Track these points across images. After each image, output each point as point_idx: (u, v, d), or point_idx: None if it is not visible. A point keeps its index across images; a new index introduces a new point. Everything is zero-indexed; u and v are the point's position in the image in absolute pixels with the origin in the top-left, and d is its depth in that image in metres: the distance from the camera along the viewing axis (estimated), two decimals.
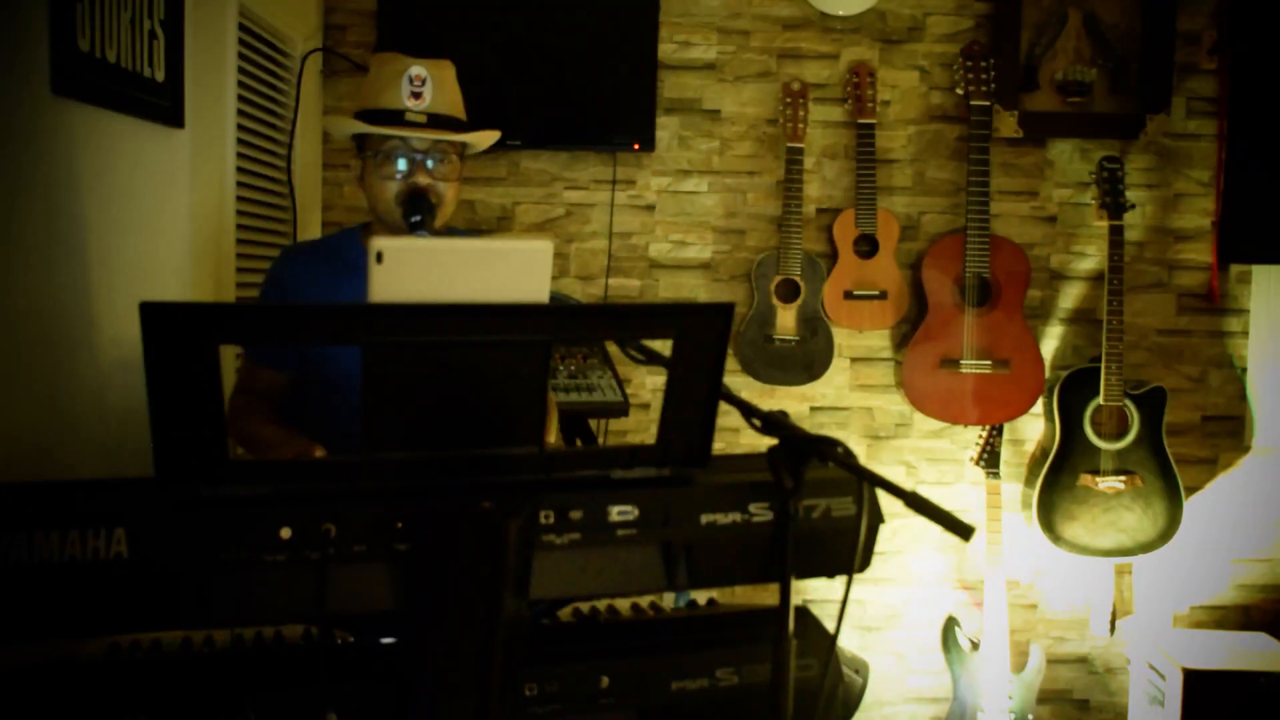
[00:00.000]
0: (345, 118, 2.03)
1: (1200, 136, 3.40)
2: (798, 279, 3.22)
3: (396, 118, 1.96)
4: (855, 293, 3.26)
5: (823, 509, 1.24)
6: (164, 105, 2.05)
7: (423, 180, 1.97)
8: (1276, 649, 3.15)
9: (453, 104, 2.03)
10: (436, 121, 1.97)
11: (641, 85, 3.23)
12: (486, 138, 2.08)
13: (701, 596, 1.50)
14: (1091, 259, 3.40)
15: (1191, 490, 3.37)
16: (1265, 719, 2.92)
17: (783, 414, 1.21)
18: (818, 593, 3.14)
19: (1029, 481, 3.33)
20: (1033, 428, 3.40)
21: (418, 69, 1.97)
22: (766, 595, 1.16)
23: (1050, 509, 3.21)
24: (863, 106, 3.24)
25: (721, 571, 1.22)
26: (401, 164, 1.97)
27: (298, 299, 2.02)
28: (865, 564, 1.24)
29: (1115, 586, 3.45)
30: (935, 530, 1.08)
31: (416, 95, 1.96)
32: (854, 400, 3.42)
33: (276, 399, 2.08)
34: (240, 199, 2.56)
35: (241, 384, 2.10)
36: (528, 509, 1.10)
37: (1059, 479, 3.21)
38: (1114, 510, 3.21)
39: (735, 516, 1.20)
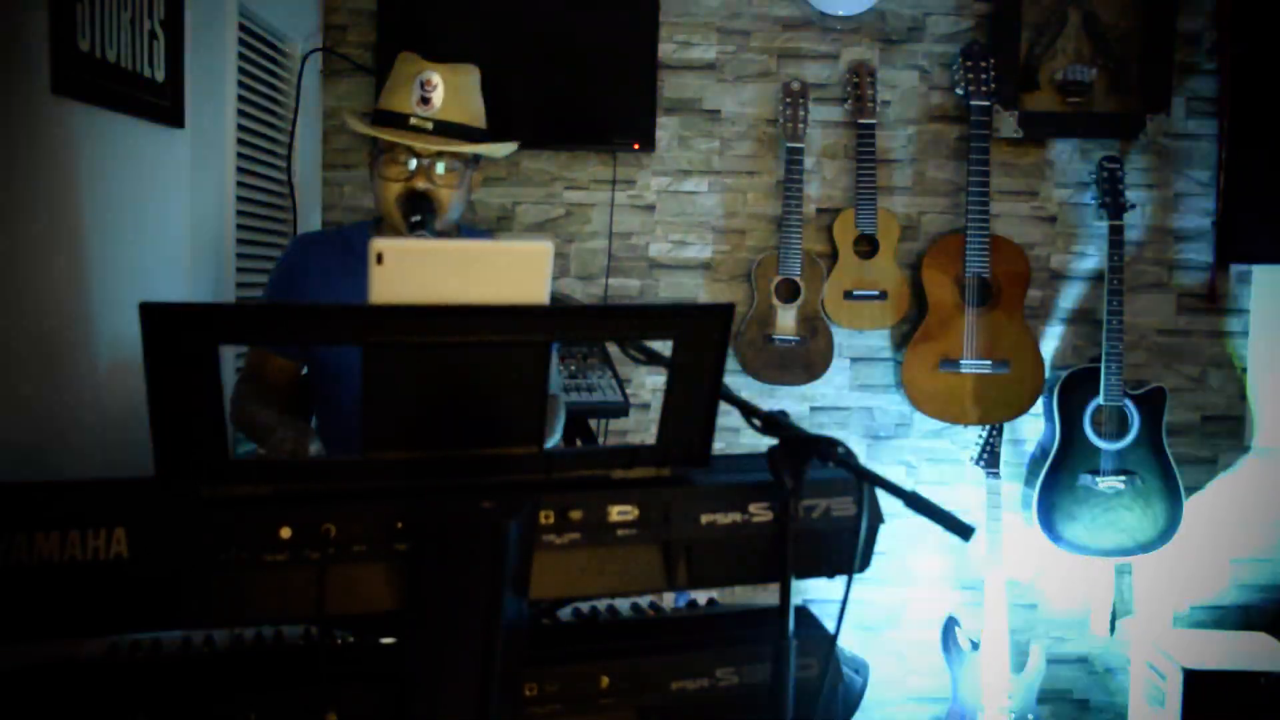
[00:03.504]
0: (356, 118, 2.04)
1: (1200, 136, 3.40)
2: (798, 279, 3.22)
3: (401, 121, 1.96)
4: (855, 293, 3.26)
5: (823, 509, 1.24)
6: (164, 105, 2.05)
7: (421, 185, 1.97)
8: (1276, 649, 3.14)
9: (466, 111, 2.02)
10: (443, 128, 1.97)
11: (641, 85, 3.23)
12: (496, 149, 2.07)
13: (701, 596, 1.50)
14: (1091, 259, 3.40)
15: (1191, 490, 3.37)
16: (1265, 719, 2.92)
17: (783, 414, 1.21)
18: (818, 593, 3.14)
19: (1029, 481, 3.33)
20: (1033, 428, 3.40)
21: (430, 74, 1.96)
22: (766, 595, 1.16)
23: (1050, 509, 3.21)
24: (863, 106, 3.24)
25: (721, 571, 1.22)
26: (404, 167, 1.97)
27: (309, 288, 2.04)
28: (865, 564, 1.24)
29: (1115, 586, 3.45)
30: (935, 530, 1.08)
31: (425, 100, 1.96)
32: (854, 400, 3.42)
33: (284, 386, 2.10)
34: (240, 199, 2.56)
35: (249, 371, 2.11)
36: (528, 509, 1.10)
37: (1059, 479, 3.21)
38: (1114, 510, 3.21)
39: (735, 516, 1.20)
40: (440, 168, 1.98)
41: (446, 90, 1.96)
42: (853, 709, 1.36)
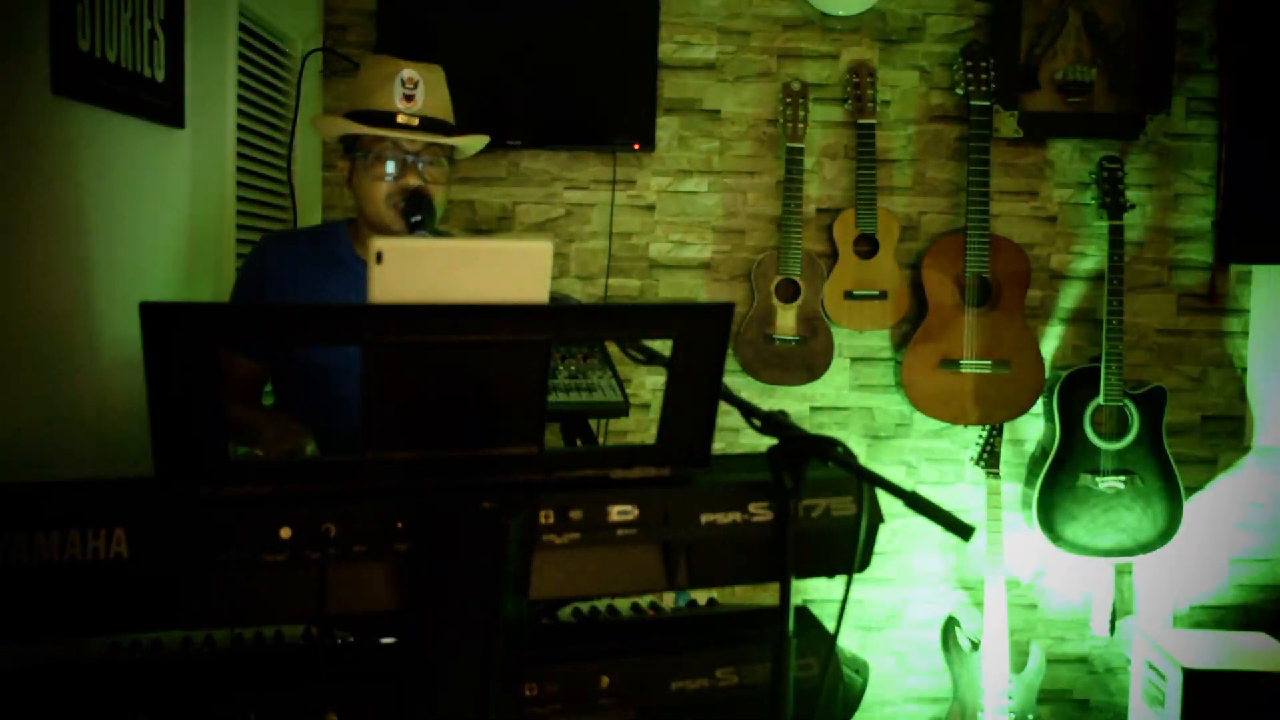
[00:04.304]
0: (336, 118, 2.03)
1: (1200, 136, 3.40)
2: (798, 279, 3.22)
3: (389, 120, 1.96)
4: (855, 293, 3.26)
5: (823, 509, 1.24)
6: (164, 105, 2.05)
7: (413, 181, 1.98)
8: (1276, 649, 3.15)
9: (443, 108, 2.04)
10: (428, 125, 1.98)
11: (641, 85, 3.23)
12: (476, 142, 2.09)
13: (701, 596, 1.50)
14: (1091, 259, 3.40)
15: (1191, 490, 3.38)
16: (1265, 719, 2.92)
17: (783, 414, 1.21)
18: (818, 593, 3.14)
19: (1029, 481, 3.33)
20: (1033, 428, 3.40)
21: (410, 72, 1.98)
22: (766, 595, 1.16)
23: (1050, 509, 3.21)
24: (863, 106, 3.24)
25: (721, 571, 1.22)
26: (391, 166, 1.98)
27: (283, 289, 2.03)
28: (865, 564, 1.24)
29: (1115, 586, 3.45)
30: (935, 530, 1.08)
31: (409, 98, 1.97)
32: (854, 400, 3.42)
33: (253, 388, 2.09)
34: (240, 199, 2.56)
35: None
36: (528, 509, 1.10)
37: (1059, 479, 3.21)
38: (1114, 510, 3.21)
39: (735, 516, 1.20)
40: (426, 163, 2.00)
41: (425, 87, 1.99)
42: (853, 709, 1.36)
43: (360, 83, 2.03)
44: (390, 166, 1.98)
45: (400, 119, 1.96)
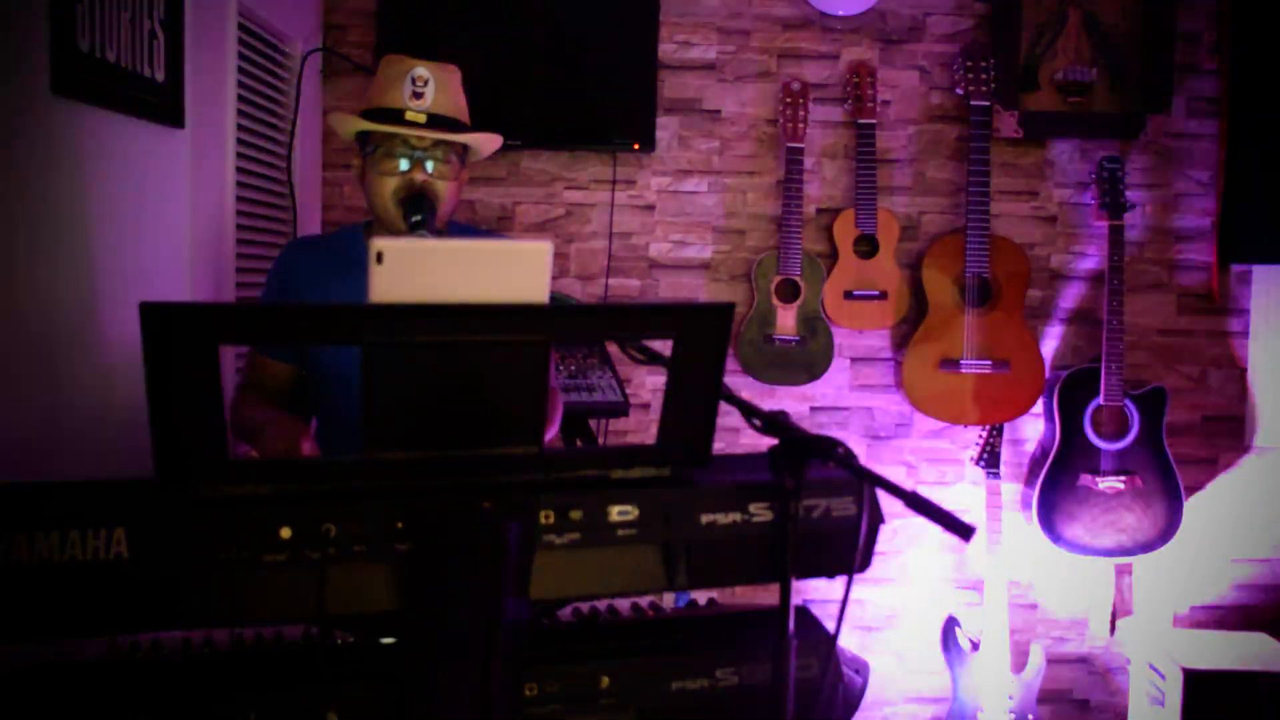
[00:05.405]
0: (347, 115, 2.05)
1: (1200, 136, 3.40)
2: (798, 279, 3.22)
3: (397, 116, 1.98)
4: (855, 293, 3.26)
5: (823, 509, 1.24)
6: (164, 105, 2.05)
7: (419, 177, 1.99)
8: (1276, 649, 3.14)
9: (455, 106, 2.05)
10: (436, 122, 1.99)
11: (641, 85, 3.23)
12: (486, 140, 2.09)
13: (701, 596, 1.50)
14: (1091, 259, 3.40)
15: (1191, 490, 3.37)
16: (1265, 719, 2.91)
17: (783, 414, 1.21)
18: (818, 593, 3.14)
19: (1029, 481, 3.33)
20: (1033, 428, 3.40)
21: (420, 70, 1.99)
22: (766, 595, 1.16)
23: (1050, 509, 3.21)
24: (863, 106, 3.24)
25: (721, 571, 1.22)
26: (401, 162, 1.99)
27: (300, 291, 2.05)
28: (865, 564, 1.25)
29: (1115, 586, 3.45)
30: (935, 530, 1.08)
31: (418, 95, 1.99)
32: (854, 400, 3.42)
33: (282, 391, 2.11)
34: (240, 199, 2.56)
35: (247, 378, 2.12)
36: (528, 509, 1.10)
37: (1059, 479, 3.21)
38: (1114, 510, 3.21)
39: (735, 516, 1.20)
40: (436, 160, 2.00)
41: (436, 85, 2.00)
42: (853, 709, 1.36)
43: (376, 81, 2.06)
44: (401, 164, 1.99)
45: (408, 115, 1.98)
